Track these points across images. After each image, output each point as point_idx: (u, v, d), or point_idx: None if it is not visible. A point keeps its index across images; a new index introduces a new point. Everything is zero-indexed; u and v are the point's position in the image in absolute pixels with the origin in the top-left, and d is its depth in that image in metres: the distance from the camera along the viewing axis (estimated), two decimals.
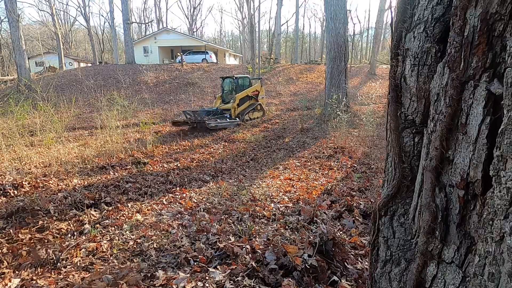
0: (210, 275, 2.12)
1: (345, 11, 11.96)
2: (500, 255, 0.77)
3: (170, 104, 17.24)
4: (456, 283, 0.95)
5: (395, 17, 1.17)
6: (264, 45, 51.16)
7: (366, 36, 47.56)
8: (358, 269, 2.26)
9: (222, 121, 11.41)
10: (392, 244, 1.25)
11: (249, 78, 14.37)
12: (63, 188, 4.67)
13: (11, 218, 3.39)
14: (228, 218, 3.51)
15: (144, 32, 47.55)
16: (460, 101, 0.90)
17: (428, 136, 1.05)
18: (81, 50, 49.46)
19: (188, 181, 5.45)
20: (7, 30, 28.37)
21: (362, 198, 4.01)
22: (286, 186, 5.04)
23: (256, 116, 13.31)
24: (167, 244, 2.84)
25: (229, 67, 26.08)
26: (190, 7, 47.22)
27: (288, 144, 9.00)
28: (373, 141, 8.31)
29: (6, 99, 11.54)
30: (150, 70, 22.06)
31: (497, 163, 0.77)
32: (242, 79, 13.68)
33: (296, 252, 2.25)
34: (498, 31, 0.80)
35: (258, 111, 13.55)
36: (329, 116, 10.93)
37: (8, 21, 17.60)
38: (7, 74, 28.24)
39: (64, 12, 41.53)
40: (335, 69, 11.99)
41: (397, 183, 1.20)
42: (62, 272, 2.41)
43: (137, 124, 11.56)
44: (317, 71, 24.46)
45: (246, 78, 14.18)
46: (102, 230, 3.23)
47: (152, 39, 32.46)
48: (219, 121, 11.34)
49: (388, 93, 1.23)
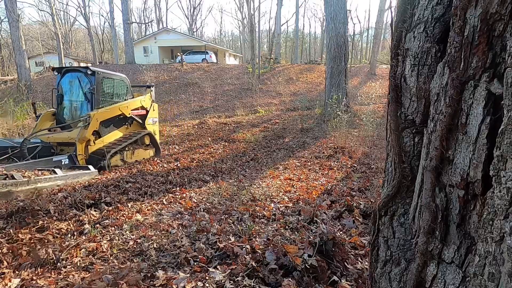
0: (210, 275, 2.12)
1: (345, 11, 11.96)
2: (500, 255, 0.77)
3: (170, 104, 17.23)
4: (456, 283, 0.95)
5: (395, 17, 1.17)
6: (264, 45, 51.14)
7: (366, 36, 47.55)
8: (358, 269, 2.26)
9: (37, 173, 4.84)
10: (392, 244, 1.25)
11: (126, 82, 7.86)
12: (63, 188, 4.67)
13: (11, 218, 3.39)
14: (228, 218, 3.51)
15: (144, 32, 47.54)
16: (460, 101, 0.90)
17: (428, 136, 1.05)
18: (81, 50, 49.44)
19: (188, 181, 5.45)
20: (7, 30, 28.39)
21: (362, 198, 4.01)
22: (286, 186, 5.04)
23: (141, 157, 7.41)
24: (167, 244, 2.84)
25: (229, 67, 26.09)
26: (190, 7, 47.29)
27: (288, 144, 9.00)
28: (373, 141, 8.32)
29: (6, 99, 11.56)
30: (150, 70, 22.06)
31: (497, 163, 0.77)
32: (109, 80, 7.23)
33: (296, 252, 2.25)
34: (498, 31, 0.80)
35: (144, 147, 7.66)
36: (329, 116, 10.94)
37: (8, 21, 17.60)
38: (7, 74, 28.23)
39: (64, 12, 41.54)
40: (335, 69, 11.99)
41: (397, 183, 1.20)
42: (62, 272, 2.41)
43: None
44: (317, 71, 24.46)
45: (120, 80, 7.69)
46: (102, 230, 3.22)
47: (152, 39, 32.47)
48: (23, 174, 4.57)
49: (388, 93, 1.23)
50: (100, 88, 6.86)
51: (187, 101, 17.86)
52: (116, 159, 6.64)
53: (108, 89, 7.22)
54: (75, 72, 6.89)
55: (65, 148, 6.40)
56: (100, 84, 6.86)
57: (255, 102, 17.62)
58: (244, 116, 14.87)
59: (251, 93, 19.31)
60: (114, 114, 6.91)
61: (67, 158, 5.86)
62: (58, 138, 6.32)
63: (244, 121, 13.35)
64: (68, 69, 7.04)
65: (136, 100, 7.79)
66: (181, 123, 13.67)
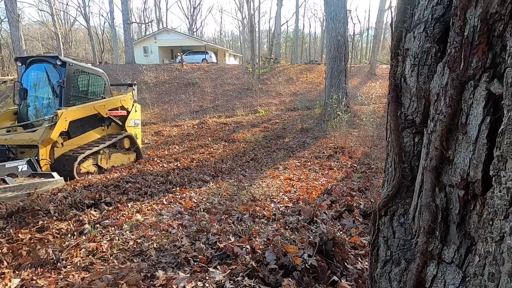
0: (210, 275, 2.12)
1: (345, 11, 11.97)
2: (500, 255, 0.77)
3: (170, 104, 17.23)
4: (456, 283, 0.95)
5: (395, 17, 1.17)
6: (264, 45, 51.15)
7: (366, 36, 47.55)
8: (358, 269, 2.26)
9: None
10: (392, 244, 1.25)
11: (103, 78, 6.91)
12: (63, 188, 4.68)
13: (11, 218, 3.40)
14: (228, 218, 3.51)
15: (144, 32, 47.53)
16: (460, 101, 0.90)
17: (428, 136, 1.05)
18: (81, 50, 49.43)
19: (188, 181, 5.45)
20: (7, 30, 28.35)
21: (362, 198, 4.01)
22: (286, 186, 5.04)
23: (119, 162, 6.69)
24: (167, 244, 2.84)
25: (229, 67, 26.08)
26: (190, 7, 47.24)
27: (288, 144, 9.00)
28: (373, 141, 8.32)
29: (7, 99, 11.55)
30: (150, 70, 22.07)
31: (497, 163, 0.77)
32: (83, 75, 6.28)
33: (296, 252, 2.25)
34: (498, 31, 0.80)
35: (124, 152, 6.92)
36: (329, 116, 10.94)
37: (8, 21, 17.61)
38: (7, 74, 28.21)
39: (64, 12, 41.49)
40: (335, 69, 11.99)
41: (397, 183, 1.20)
42: (62, 272, 2.41)
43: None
44: (317, 71, 24.47)
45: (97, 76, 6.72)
46: (102, 230, 3.23)
47: (152, 39, 32.46)
48: None
49: (388, 93, 1.23)
50: (72, 82, 5.90)
51: (187, 101, 17.86)
52: (88, 164, 5.78)
53: (82, 84, 6.26)
54: (42, 63, 5.88)
55: (27, 151, 5.45)
56: (72, 77, 5.90)
57: (255, 102, 17.62)
58: (244, 116, 14.87)
59: (251, 93, 19.32)
60: (88, 113, 6.10)
61: (26, 164, 4.94)
62: (17, 140, 5.34)
63: (244, 121, 13.35)
64: (34, 59, 6.01)
65: (115, 99, 6.98)
66: (181, 123, 13.67)
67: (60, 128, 5.39)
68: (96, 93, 6.69)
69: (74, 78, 6.00)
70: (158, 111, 15.53)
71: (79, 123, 5.96)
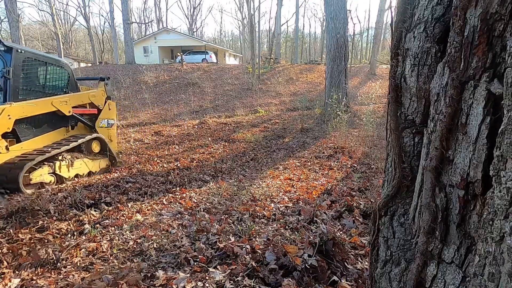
0: (210, 275, 2.12)
1: (345, 11, 11.96)
2: (500, 255, 0.77)
3: (170, 104, 17.23)
4: (456, 283, 0.95)
5: (395, 17, 1.17)
6: (264, 45, 51.16)
7: (366, 36, 47.57)
8: (358, 269, 2.26)
9: None
10: (392, 244, 1.25)
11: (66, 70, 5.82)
12: (63, 188, 4.68)
13: (11, 218, 3.40)
14: (228, 218, 3.51)
15: (144, 32, 47.55)
16: (460, 101, 0.90)
17: (428, 136, 1.05)
18: (81, 50, 49.45)
19: (188, 181, 5.45)
20: (7, 30, 28.37)
21: (362, 198, 4.01)
22: (286, 186, 5.04)
23: (86, 170, 5.61)
24: (167, 244, 2.84)
25: (229, 67, 26.08)
26: (190, 7, 47.26)
27: (288, 144, 9.00)
28: (373, 141, 8.32)
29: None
30: (150, 70, 22.06)
31: (497, 163, 0.77)
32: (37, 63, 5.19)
33: (296, 252, 2.25)
34: (498, 31, 0.80)
35: (92, 157, 5.85)
36: (329, 116, 10.93)
37: (8, 21, 17.63)
38: None
39: (64, 12, 41.50)
40: (335, 69, 11.99)
41: (397, 183, 1.20)
42: (62, 272, 2.41)
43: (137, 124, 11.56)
44: (317, 71, 24.46)
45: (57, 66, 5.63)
46: (102, 230, 3.23)
47: (152, 39, 32.47)
48: None
49: (388, 93, 1.23)
50: (21, 72, 4.80)
51: (187, 101, 17.86)
52: (41, 173, 4.66)
53: (37, 76, 5.19)
54: None
55: None
56: (22, 66, 4.80)
57: (255, 102, 17.61)
58: (244, 116, 14.87)
59: (251, 93, 19.31)
60: (43, 110, 5.03)
61: None
62: None
63: (244, 121, 13.34)
64: None
65: (81, 94, 5.93)
66: (181, 123, 13.66)
67: (3, 128, 4.34)
68: (56, 87, 5.58)
69: (25, 68, 4.89)
70: (158, 111, 15.52)
71: (32, 123, 4.95)
